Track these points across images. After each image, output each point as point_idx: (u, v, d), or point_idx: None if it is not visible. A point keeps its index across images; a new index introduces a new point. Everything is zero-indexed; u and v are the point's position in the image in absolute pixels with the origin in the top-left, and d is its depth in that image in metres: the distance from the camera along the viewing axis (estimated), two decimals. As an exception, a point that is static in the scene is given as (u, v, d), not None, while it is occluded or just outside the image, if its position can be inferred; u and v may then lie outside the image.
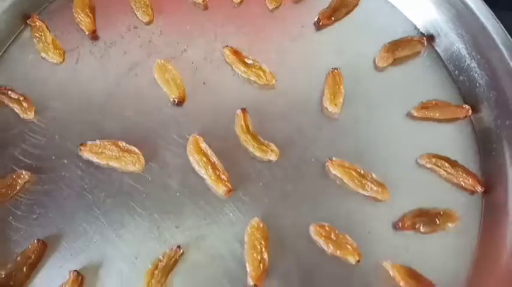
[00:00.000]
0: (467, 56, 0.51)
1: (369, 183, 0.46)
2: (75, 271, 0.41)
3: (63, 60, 0.50)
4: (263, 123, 0.49)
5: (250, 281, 0.42)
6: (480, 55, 0.50)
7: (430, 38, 0.54)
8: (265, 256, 0.43)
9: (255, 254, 0.43)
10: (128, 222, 0.44)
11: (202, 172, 0.46)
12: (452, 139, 0.50)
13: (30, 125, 0.47)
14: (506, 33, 0.48)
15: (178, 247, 0.43)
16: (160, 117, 0.48)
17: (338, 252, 0.44)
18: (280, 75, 0.50)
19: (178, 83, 0.49)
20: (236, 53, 0.51)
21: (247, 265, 0.43)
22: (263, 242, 0.43)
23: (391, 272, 0.43)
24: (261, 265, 0.43)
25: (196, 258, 0.43)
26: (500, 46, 0.48)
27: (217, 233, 0.44)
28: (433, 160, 0.48)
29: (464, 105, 0.50)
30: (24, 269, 0.41)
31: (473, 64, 0.51)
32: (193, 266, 0.43)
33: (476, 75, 0.50)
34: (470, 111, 0.50)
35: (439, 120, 0.50)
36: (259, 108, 0.49)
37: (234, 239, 0.44)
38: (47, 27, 0.51)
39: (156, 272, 0.42)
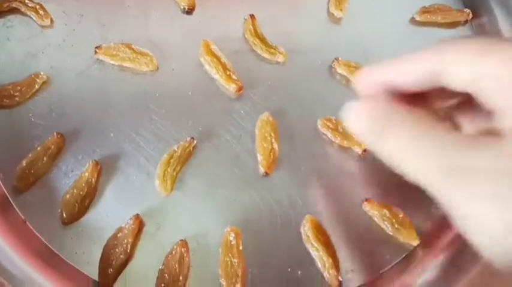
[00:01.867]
0: (467, -39, 0.53)
1: (374, 81, 0.48)
2: (95, 160, 0.43)
3: (76, -27, 0.51)
4: (270, 29, 0.50)
5: (261, 169, 0.44)
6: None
7: None
8: (275, 145, 0.45)
9: (265, 145, 0.45)
10: (144, 120, 0.46)
11: (213, 71, 0.47)
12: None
13: (47, 33, 0.49)
14: None
15: (192, 138, 0.45)
16: (171, 24, 0.50)
17: (345, 142, 0.46)
18: (286, -16, 0.52)
19: (188, -9, 0.50)
20: (243, -36, 0.52)
21: (258, 155, 0.45)
22: (273, 134, 0.45)
23: (396, 160, 0.45)
24: (271, 154, 0.45)
25: (208, 152, 0.45)
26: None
27: (229, 129, 0.46)
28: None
29: (464, 9, 0.52)
30: (45, 159, 0.43)
31: (473, -31, 0.52)
32: (206, 159, 0.45)
33: (476, -20, 0.52)
34: (470, 15, 0.51)
35: (440, 25, 0.52)
36: (267, 15, 0.51)
37: (245, 133, 0.46)
38: None
39: (171, 161, 0.44)
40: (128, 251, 0.41)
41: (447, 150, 0.24)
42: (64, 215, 0.42)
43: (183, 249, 0.41)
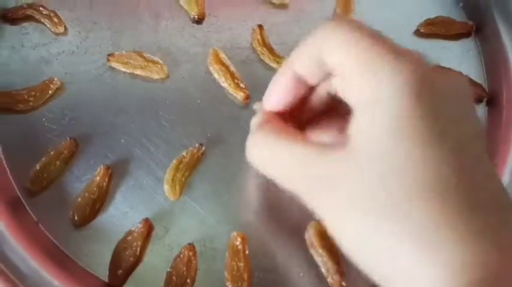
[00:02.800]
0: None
1: (378, 91, 0.49)
2: (106, 164, 0.44)
3: (90, -18, 0.53)
4: (278, 39, 0.52)
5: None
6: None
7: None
8: (282, 153, 0.46)
9: (272, 152, 0.46)
10: (154, 125, 0.47)
11: (222, 80, 0.49)
12: (457, 56, 0.53)
13: (61, 40, 0.50)
14: None
15: (201, 144, 0.46)
16: (181, 33, 0.51)
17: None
18: (294, -4, 0.54)
19: (198, 1, 0.52)
20: (253, -25, 0.54)
21: (264, 162, 0.46)
22: (279, 142, 0.46)
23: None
24: (278, 161, 0.46)
25: (216, 158, 0.46)
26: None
27: (236, 136, 0.47)
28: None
29: (468, 22, 0.53)
30: (57, 163, 0.44)
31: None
32: (213, 164, 0.46)
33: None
34: (474, 28, 0.53)
35: (444, 37, 0.53)
36: (275, 25, 0.52)
37: (252, 140, 0.47)
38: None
39: (180, 166, 0.45)
40: (137, 253, 0.42)
41: (300, 160, 0.25)
42: (75, 217, 0.43)
43: (190, 252, 0.42)
